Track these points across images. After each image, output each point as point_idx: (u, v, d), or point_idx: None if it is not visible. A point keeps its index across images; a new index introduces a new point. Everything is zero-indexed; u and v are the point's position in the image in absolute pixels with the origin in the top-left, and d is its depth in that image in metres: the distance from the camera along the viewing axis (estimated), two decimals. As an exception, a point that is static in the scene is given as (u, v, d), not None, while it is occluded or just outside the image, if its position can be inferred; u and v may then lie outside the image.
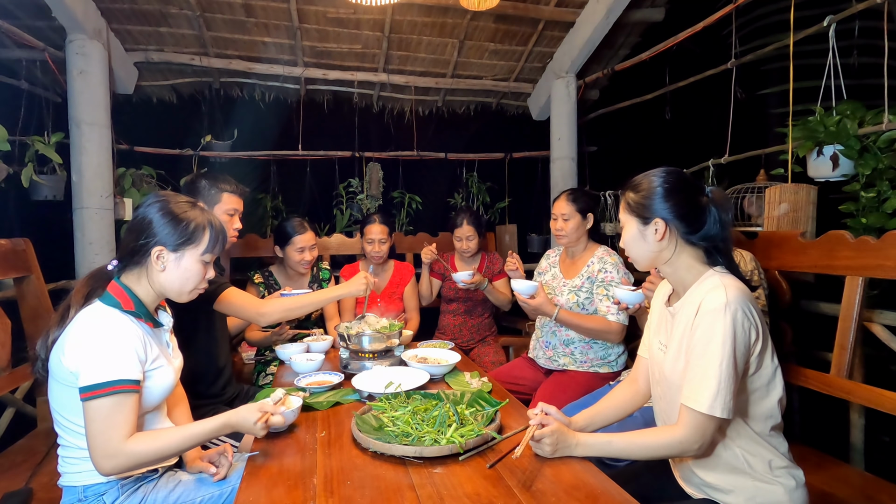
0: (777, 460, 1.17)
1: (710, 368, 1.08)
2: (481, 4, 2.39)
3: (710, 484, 1.20)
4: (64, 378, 1.19)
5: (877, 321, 1.75)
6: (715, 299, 1.10)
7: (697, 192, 1.21)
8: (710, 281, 1.16)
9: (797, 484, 1.17)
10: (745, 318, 1.10)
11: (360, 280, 1.91)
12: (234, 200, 1.95)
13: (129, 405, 1.16)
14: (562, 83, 3.59)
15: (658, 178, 1.22)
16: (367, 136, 3.93)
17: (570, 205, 2.20)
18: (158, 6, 2.98)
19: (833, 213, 2.17)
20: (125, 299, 1.25)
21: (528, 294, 2.00)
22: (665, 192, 1.20)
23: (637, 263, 1.28)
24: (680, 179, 1.22)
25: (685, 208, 1.19)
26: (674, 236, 1.21)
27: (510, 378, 2.22)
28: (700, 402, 1.09)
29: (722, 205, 1.20)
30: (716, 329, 1.08)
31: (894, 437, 2.03)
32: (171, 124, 3.53)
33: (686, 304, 1.19)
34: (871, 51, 2.56)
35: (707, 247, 1.20)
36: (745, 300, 1.11)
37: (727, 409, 1.08)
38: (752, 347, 1.12)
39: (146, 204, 1.32)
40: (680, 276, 1.23)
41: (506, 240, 3.84)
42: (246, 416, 1.22)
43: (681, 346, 1.18)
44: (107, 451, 1.13)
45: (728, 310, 1.08)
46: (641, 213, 1.22)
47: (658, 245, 1.21)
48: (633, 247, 1.26)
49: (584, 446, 1.20)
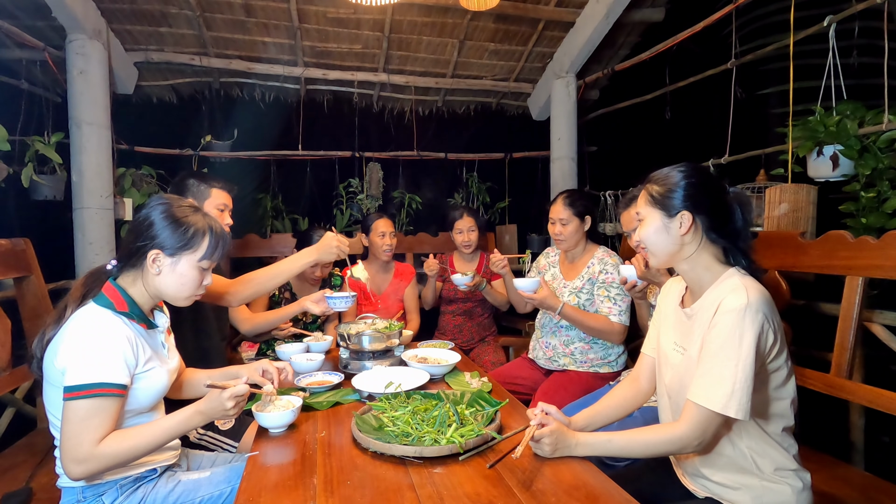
0: (786, 462, 1.16)
1: (725, 368, 1.06)
2: (481, 4, 2.39)
3: (716, 482, 1.20)
4: (55, 379, 1.18)
5: (877, 321, 1.74)
6: (736, 300, 1.08)
7: (722, 189, 1.20)
8: (731, 282, 1.14)
9: (804, 486, 1.16)
10: (765, 321, 1.08)
11: (330, 243, 1.81)
12: (224, 196, 1.93)
13: (109, 410, 1.14)
14: (562, 83, 3.59)
15: (685, 171, 1.20)
16: (367, 136, 3.93)
17: (567, 209, 2.18)
18: (158, 6, 2.99)
19: (833, 213, 2.17)
20: (118, 300, 1.24)
21: (531, 290, 2.00)
22: (692, 186, 1.18)
23: (655, 258, 1.24)
24: (707, 174, 1.21)
25: (712, 203, 1.18)
26: (698, 231, 1.18)
27: (510, 378, 2.22)
28: (712, 400, 1.07)
29: (744, 204, 1.19)
30: (734, 329, 1.07)
31: (894, 437, 2.03)
32: (171, 124, 3.53)
33: (705, 306, 1.17)
34: (871, 51, 2.56)
35: (728, 246, 1.19)
36: (766, 302, 1.09)
37: (742, 411, 1.06)
38: (769, 350, 1.11)
39: (149, 206, 1.31)
40: (698, 274, 1.20)
41: (506, 240, 3.84)
42: (215, 404, 1.22)
43: (699, 347, 1.16)
44: (77, 455, 1.11)
45: (749, 311, 1.06)
46: (667, 205, 1.19)
47: (682, 239, 1.19)
48: (654, 240, 1.21)
49: (583, 446, 1.20)
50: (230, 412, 1.23)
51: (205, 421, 1.24)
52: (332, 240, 1.83)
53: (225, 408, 1.22)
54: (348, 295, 1.96)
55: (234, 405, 1.22)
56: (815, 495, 1.16)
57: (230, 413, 1.23)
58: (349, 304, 1.97)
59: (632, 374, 1.44)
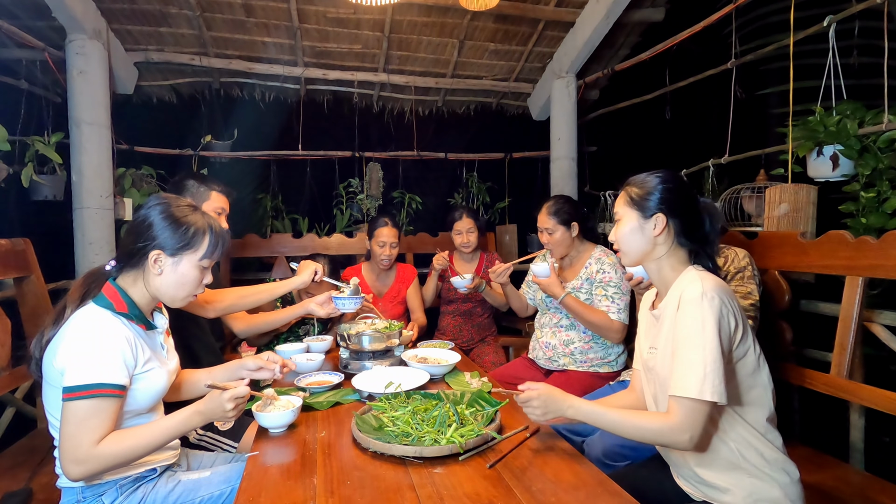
0: (773, 454, 1.18)
1: (694, 354, 1.10)
2: (481, 4, 2.39)
3: (707, 482, 1.21)
4: (54, 380, 1.18)
5: (877, 321, 1.74)
6: (692, 290, 1.14)
7: (694, 198, 1.28)
8: (688, 275, 1.21)
9: (791, 479, 1.18)
10: (722, 305, 1.13)
11: (308, 270, 1.95)
12: (222, 199, 1.94)
13: (108, 410, 1.14)
14: (562, 83, 3.59)
15: (662, 176, 1.28)
16: (367, 136, 3.94)
17: (551, 218, 2.19)
18: (158, 6, 2.99)
19: (833, 213, 2.17)
20: (118, 301, 1.24)
21: (543, 275, 2.07)
22: (668, 191, 1.25)
23: (627, 257, 1.32)
24: (682, 182, 1.30)
25: (685, 208, 1.26)
26: (670, 234, 1.26)
27: (510, 378, 2.22)
28: (688, 387, 1.09)
29: (713, 213, 1.28)
30: (695, 317, 1.12)
31: (894, 437, 2.03)
32: (171, 124, 3.53)
33: (668, 303, 1.22)
34: (871, 51, 2.56)
35: (696, 249, 1.26)
36: (721, 289, 1.15)
37: (717, 393, 1.08)
38: (733, 334, 1.15)
39: (147, 206, 1.31)
40: (664, 274, 1.27)
41: (506, 240, 3.84)
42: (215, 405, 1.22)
43: (668, 343, 1.20)
44: (76, 455, 1.11)
45: (705, 298, 1.12)
46: (643, 206, 1.26)
47: (655, 240, 1.26)
48: (628, 240, 1.29)
49: (576, 409, 1.21)
50: (229, 414, 1.23)
51: (204, 422, 1.24)
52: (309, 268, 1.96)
53: (224, 409, 1.22)
54: (357, 297, 1.96)
55: (233, 406, 1.22)
56: (815, 495, 1.16)
57: (229, 415, 1.23)
58: (358, 306, 1.96)
59: (630, 385, 1.47)
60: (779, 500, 1.16)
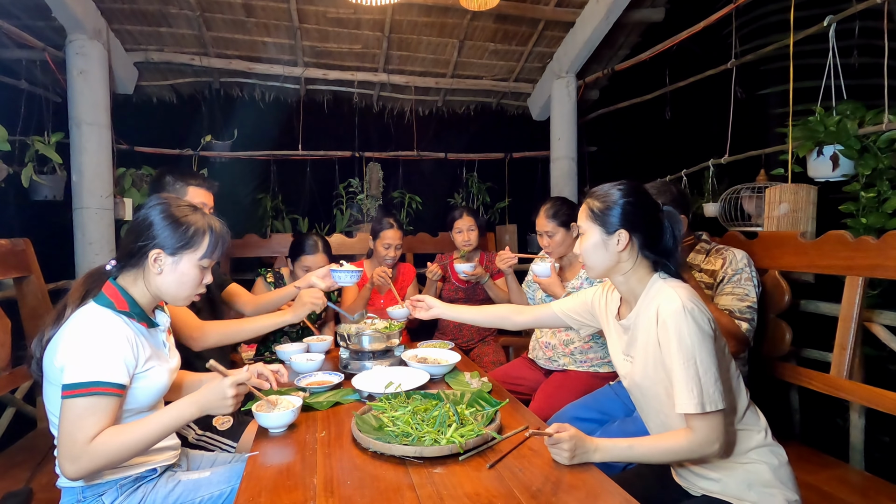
0: (759, 438, 1.21)
1: (687, 370, 1.12)
2: (481, 4, 2.39)
3: (703, 476, 1.23)
4: (55, 378, 1.18)
5: (877, 321, 1.74)
6: (671, 305, 1.15)
7: (657, 208, 1.27)
8: (657, 286, 1.22)
9: (780, 462, 1.20)
10: (700, 313, 1.15)
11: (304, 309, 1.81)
12: (202, 194, 1.85)
13: (105, 409, 1.14)
14: (562, 83, 3.59)
15: (624, 189, 1.26)
16: (367, 136, 3.93)
17: (550, 221, 2.19)
18: (158, 6, 2.99)
19: (833, 213, 2.17)
20: (119, 299, 1.24)
21: (544, 275, 2.12)
22: (630, 205, 1.24)
23: (592, 271, 1.30)
24: (644, 194, 1.28)
25: (647, 222, 1.25)
26: (634, 248, 1.25)
27: (510, 378, 2.22)
28: (691, 405, 1.11)
29: (675, 222, 1.27)
30: (681, 332, 1.13)
31: (894, 437, 2.03)
32: (171, 124, 3.53)
33: (640, 315, 1.23)
34: (871, 51, 2.56)
35: (659, 260, 1.26)
36: (694, 297, 1.17)
37: (716, 402, 1.11)
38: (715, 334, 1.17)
39: (148, 205, 1.31)
40: (631, 286, 1.27)
41: (506, 240, 3.84)
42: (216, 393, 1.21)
43: (646, 354, 1.21)
44: (71, 453, 1.11)
45: (686, 311, 1.13)
46: (605, 222, 1.24)
47: (619, 256, 1.25)
48: (592, 255, 1.27)
49: (603, 452, 1.18)
50: (229, 402, 1.21)
51: (200, 412, 1.22)
52: (307, 296, 1.82)
53: (226, 395, 1.21)
54: (355, 269, 1.95)
55: (234, 394, 1.22)
56: (815, 495, 1.17)
57: (228, 402, 1.21)
58: (355, 279, 1.96)
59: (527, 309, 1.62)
60: (771, 483, 1.18)
